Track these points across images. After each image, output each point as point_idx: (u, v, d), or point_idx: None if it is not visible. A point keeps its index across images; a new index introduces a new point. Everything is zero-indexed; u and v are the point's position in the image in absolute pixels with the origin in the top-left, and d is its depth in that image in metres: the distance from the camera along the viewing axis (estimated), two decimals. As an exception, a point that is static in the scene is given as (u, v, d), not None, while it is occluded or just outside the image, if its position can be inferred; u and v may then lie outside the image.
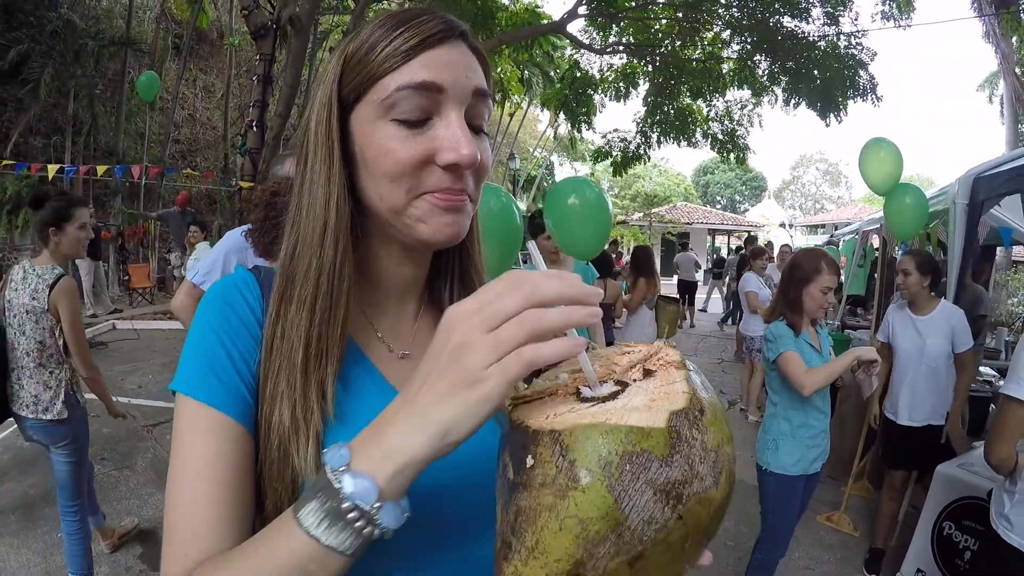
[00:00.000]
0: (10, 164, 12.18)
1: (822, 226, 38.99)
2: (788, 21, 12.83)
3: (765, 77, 14.00)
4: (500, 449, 0.64)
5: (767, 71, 13.83)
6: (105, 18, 17.40)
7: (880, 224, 7.86)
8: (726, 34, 13.94)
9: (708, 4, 12.98)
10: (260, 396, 0.81)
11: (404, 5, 17.40)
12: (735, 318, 14.54)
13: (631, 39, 14.55)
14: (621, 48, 14.60)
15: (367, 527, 0.60)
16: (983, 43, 18.59)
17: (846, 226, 16.03)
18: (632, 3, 13.58)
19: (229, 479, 0.76)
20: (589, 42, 14.79)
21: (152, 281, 14.73)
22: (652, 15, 13.99)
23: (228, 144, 19.90)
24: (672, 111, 15.13)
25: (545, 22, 15.00)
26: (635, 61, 14.98)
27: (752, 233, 28.27)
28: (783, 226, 45.10)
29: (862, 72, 13.05)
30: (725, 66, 14.46)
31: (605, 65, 15.94)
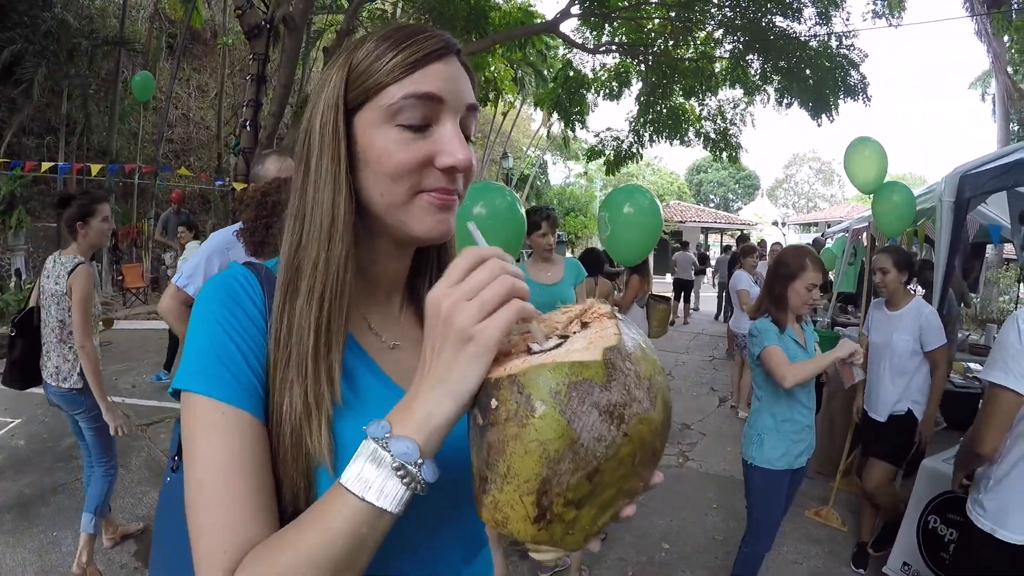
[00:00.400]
0: (3, 163, 12.15)
1: (815, 224, 39.01)
2: (780, 21, 12.85)
3: (757, 76, 14.02)
4: (469, 409, 0.72)
5: (759, 71, 13.84)
6: (99, 17, 17.41)
7: (869, 222, 7.91)
8: (719, 34, 13.93)
9: (701, 4, 12.99)
10: (271, 386, 0.84)
11: (398, 5, 17.47)
12: (726, 315, 14.63)
13: (624, 39, 14.56)
14: (614, 48, 14.61)
15: (412, 483, 0.69)
16: (975, 41, 18.66)
17: (838, 224, 16.08)
18: (625, 3, 13.60)
19: (255, 472, 0.79)
20: (582, 41, 14.81)
21: (146, 281, 14.66)
22: (645, 15, 14.01)
23: (221, 144, 19.90)
24: (665, 110, 15.16)
25: (538, 21, 15.01)
26: (628, 60, 15.00)
27: (744, 232, 28.31)
28: (776, 224, 45.15)
29: (853, 72, 13.09)
30: (718, 65, 14.48)
31: (598, 64, 15.98)
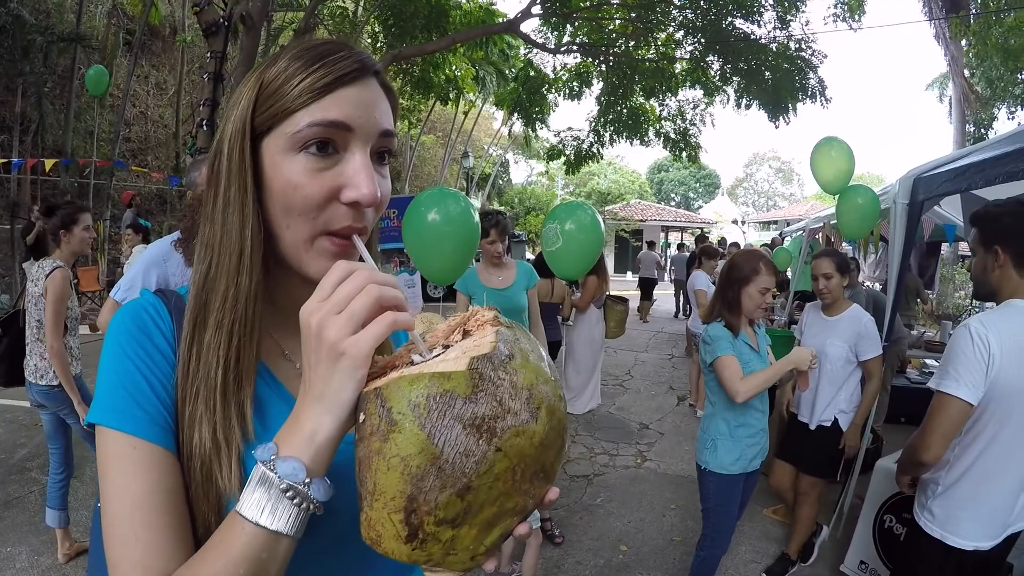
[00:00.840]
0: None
1: (774, 222, 39.57)
2: (740, 23, 12.98)
3: (717, 77, 14.15)
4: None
5: (719, 72, 13.98)
6: (56, 13, 17.01)
7: (824, 222, 8.02)
8: (679, 35, 14.01)
9: (662, 5, 13.07)
10: (179, 419, 0.82)
11: (359, 3, 17.34)
12: (685, 313, 14.78)
13: (585, 39, 14.59)
14: (575, 48, 14.64)
15: (303, 502, 0.68)
16: (933, 43, 18.98)
17: (798, 222, 16.29)
18: (586, 3, 13.63)
19: (168, 506, 0.77)
20: (543, 41, 14.81)
21: (102, 284, 14.27)
22: (606, 15, 14.06)
23: (180, 143, 19.60)
24: (625, 110, 15.24)
25: (500, 21, 14.99)
26: (589, 60, 15.04)
27: (704, 231, 28.55)
28: (736, 223, 45.65)
29: (812, 74, 13.26)
30: (678, 66, 14.58)
31: (559, 64, 16.02)
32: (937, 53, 19.05)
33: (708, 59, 13.82)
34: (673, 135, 15.48)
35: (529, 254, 27.33)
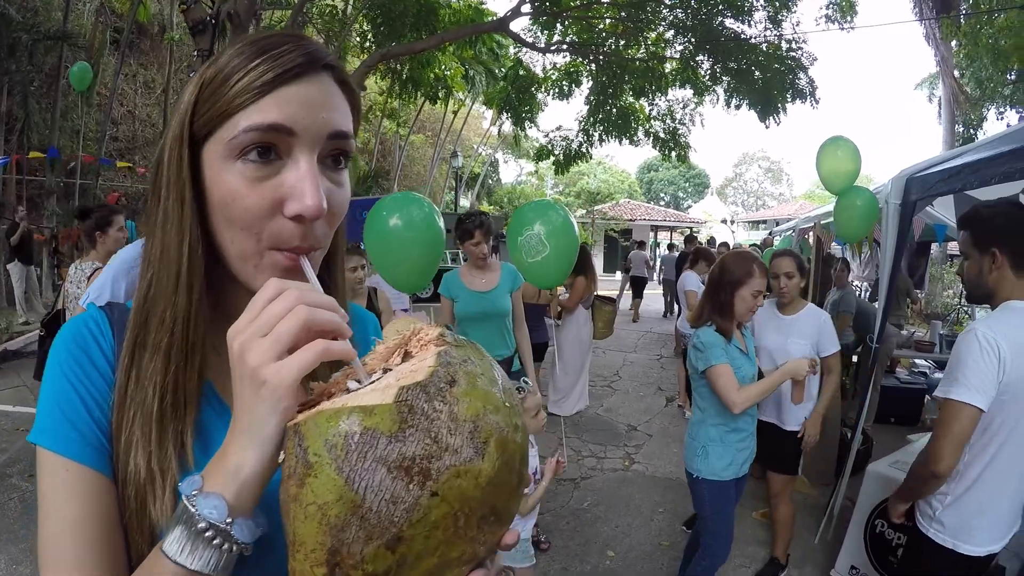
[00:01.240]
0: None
1: (763, 222, 39.73)
2: (731, 23, 12.95)
3: (707, 77, 14.11)
4: None
5: (709, 71, 13.92)
6: (43, 11, 16.88)
7: (814, 222, 7.99)
8: (669, 34, 13.96)
9: (652, 4, 13.02)
10: (115, 444, 0.77)
11: (348, 1, 17.27)
12: (673, 312, 14.80)
13: (575, 38, 14.54)
14: (564, 47, 14.60)
15: (224, 543, 0.62)
16: (922, 43, 19.08)
17: (787, 222, 16.33)
18: (576, 2, 13.58)
19: (100, 535, 0.73)
20: (533, 40, 14.76)
21: (88, 285, 14.12)
22: (596, 14, 14.01)
23: (167, 142, 19.49)
24: (614, 110, 15.17)
25: (490, 20, 14.92)
26: (578, 60, 14.99)
27: (693, 230, 28.63)
28: (725, 222, 45.82)
29: (802, 74, 13.24)
30: (668, 66, 14.52)
31: (548, 64, 15.97)
32: (927, 53, 19.12)
33: (698, 59, 13.76)
34: (662, 135, 15.43)
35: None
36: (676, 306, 10.57)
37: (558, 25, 14.40)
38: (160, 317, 0.78)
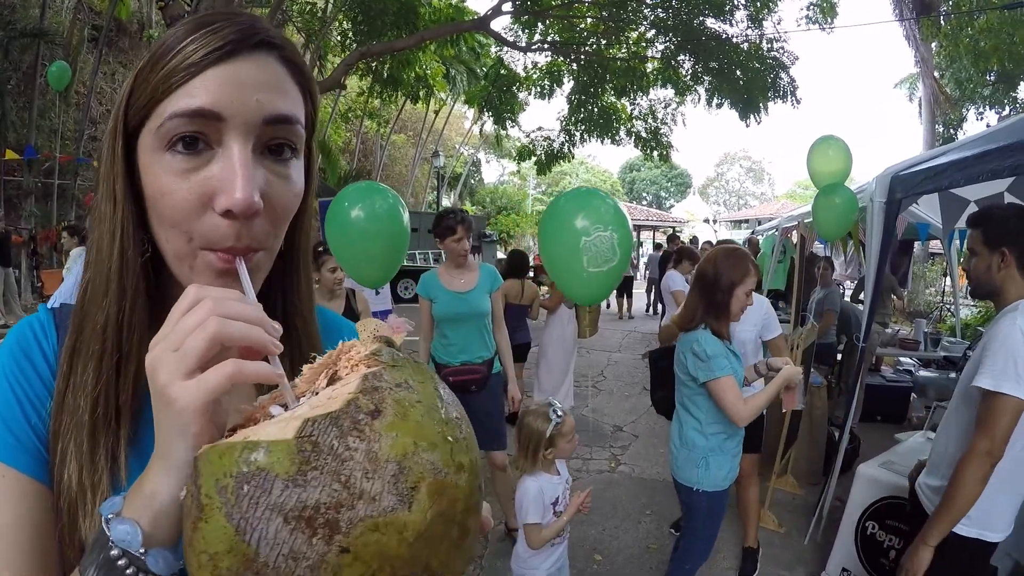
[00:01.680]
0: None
1: (746, 221, 39.92)
2: (712, 22, 12.98)
3: (688, 77, 14.15)
4: None
5: (690, 71, 13.98)
6: (20, 8, 16.68)
7: (798, 221, 7.98)
8: (651, 34, 14.00)
9: (633, 4, 13.03)
10: (51, 452, 0.72)
11: (328, 2, 17.16)
12: (655, 310, 14.83)
13: (556, 37, 14.52)
14: (546, 46, 14.57)
15: (139, 573, 0.55)
16: (902, 43, 19.21)
17: (769, 221, 16.39)
18: (557, 1, 13.56)
19: (31, 543, 0.68)
20: (514, 39, 14.73)
21: (68, 288, 13.99)
22: (577, 14, 13.99)
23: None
24: (596, 109, 15.17)
25: (470, 18, 14.87)
26: (560, 59, 14.97)
27: (676, 230, 28.74)
28: (708, 222, 46.03)
29: (783, 74, 13.29)
30: (649, 65, 14.54)
31: (530, 63, 15.94)
32: (907, 52, 19.20)
33: (680, 58, 13.80)
34: (644, 134, 15.43)
35: (500, 253, 27.28)
36: (660, 305, 10.54)
37: (539, 24, 14.37)
38: (93, 323, 0.73)
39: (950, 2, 16.02)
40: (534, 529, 3.04)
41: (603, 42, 14.32)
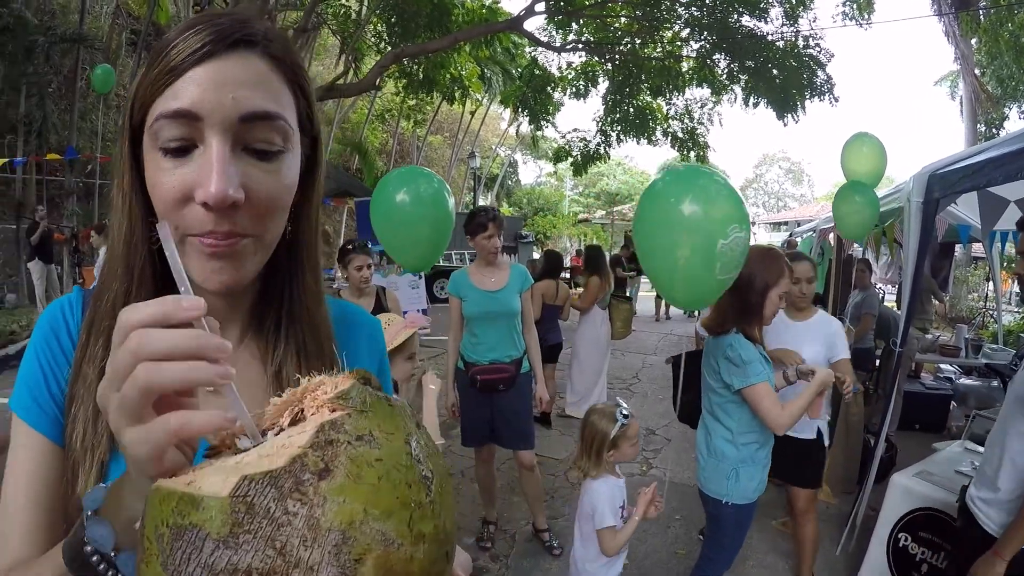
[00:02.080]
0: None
1: (784, 223, 39.48)
2: (747, 20, 12.85)
3: (724, 76, 14.03)
4: None
5: (726, 70, 13.86)
6: (60, 14, 17.03)
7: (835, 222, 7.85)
8: (685, 33, 13.91)
9: (668, 3, 12.96)
10: (66, 417, 0.82)
11: (363, 2, 17.25)
12: (695, 312, 14.67)
13: (590, 37, 14.48)
14: (580, 46, 14.52)
15: (109, 572, 0.61)
16: (941, 39, 18.92)
17: (808, 223, 16.16)
18: (590, 1, 13.50)
19: (40, 495, 0.80)
20: (548, 40, 14.70)
21: (106, 283, 14.22)
22: (611, 13, 13.92)
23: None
24: (632, 109, 15.10)
25: (503, 19, 14.86)
26: (594, 59, 14.92)
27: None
28: (746, 224, 45.66)
29: (820, 72, 13.11)
30: (684, 65, 14.45)
31: (564, 63, 15.90)
32: (946, 49, 18.85)
33: (715, 57, 13.69)
34: (681, 134, 15.37)
35: (536, 254, 27.28)
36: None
37: (573, 24, 14.33)
38: (105, 305, 0.81)
39: (989, -4, 15.72)
40: (610, 533, 3.00)
41: (637, 41, 14.24)
